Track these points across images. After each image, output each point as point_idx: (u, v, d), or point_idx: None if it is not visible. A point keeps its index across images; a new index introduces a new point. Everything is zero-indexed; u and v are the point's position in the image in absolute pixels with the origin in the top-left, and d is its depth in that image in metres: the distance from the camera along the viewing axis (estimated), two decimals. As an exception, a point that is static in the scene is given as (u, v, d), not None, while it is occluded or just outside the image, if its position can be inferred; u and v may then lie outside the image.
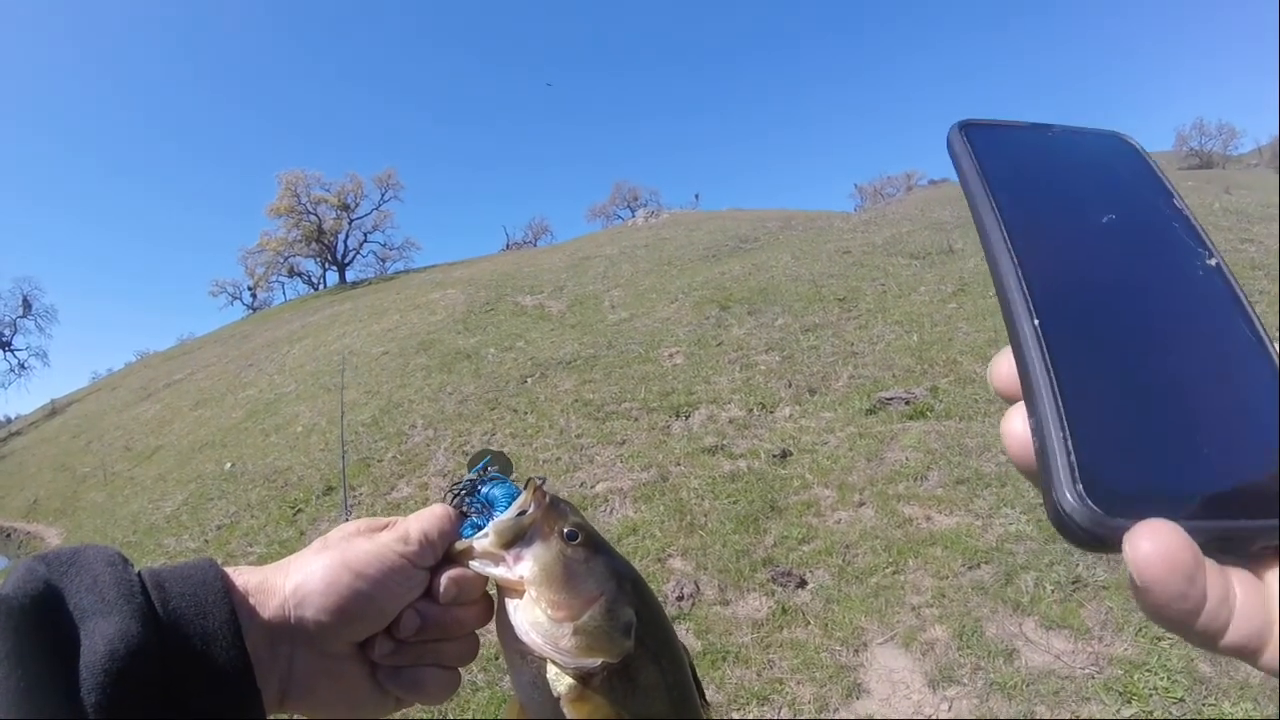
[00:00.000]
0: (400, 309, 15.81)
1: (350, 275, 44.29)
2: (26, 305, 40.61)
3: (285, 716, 0.54)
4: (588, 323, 11.03)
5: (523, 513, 0.55)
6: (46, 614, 0.43)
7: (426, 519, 0.56)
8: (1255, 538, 0.30)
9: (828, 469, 5.26)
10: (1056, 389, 0.31)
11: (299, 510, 7.23)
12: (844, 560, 4.18)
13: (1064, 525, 0.30)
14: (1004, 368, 0.35)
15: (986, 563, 3.89)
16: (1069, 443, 0.30)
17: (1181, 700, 2.85)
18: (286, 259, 44.86)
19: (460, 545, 0.56)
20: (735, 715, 3.27)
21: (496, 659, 3.97)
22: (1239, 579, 0.29)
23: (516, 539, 0.54)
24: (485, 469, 0.60)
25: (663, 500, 5.37)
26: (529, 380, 8.85)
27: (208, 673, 0.46)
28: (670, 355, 8.61)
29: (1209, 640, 0.29)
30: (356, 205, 44.62)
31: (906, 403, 5.95)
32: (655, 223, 22.40)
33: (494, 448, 0.57)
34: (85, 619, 0.43)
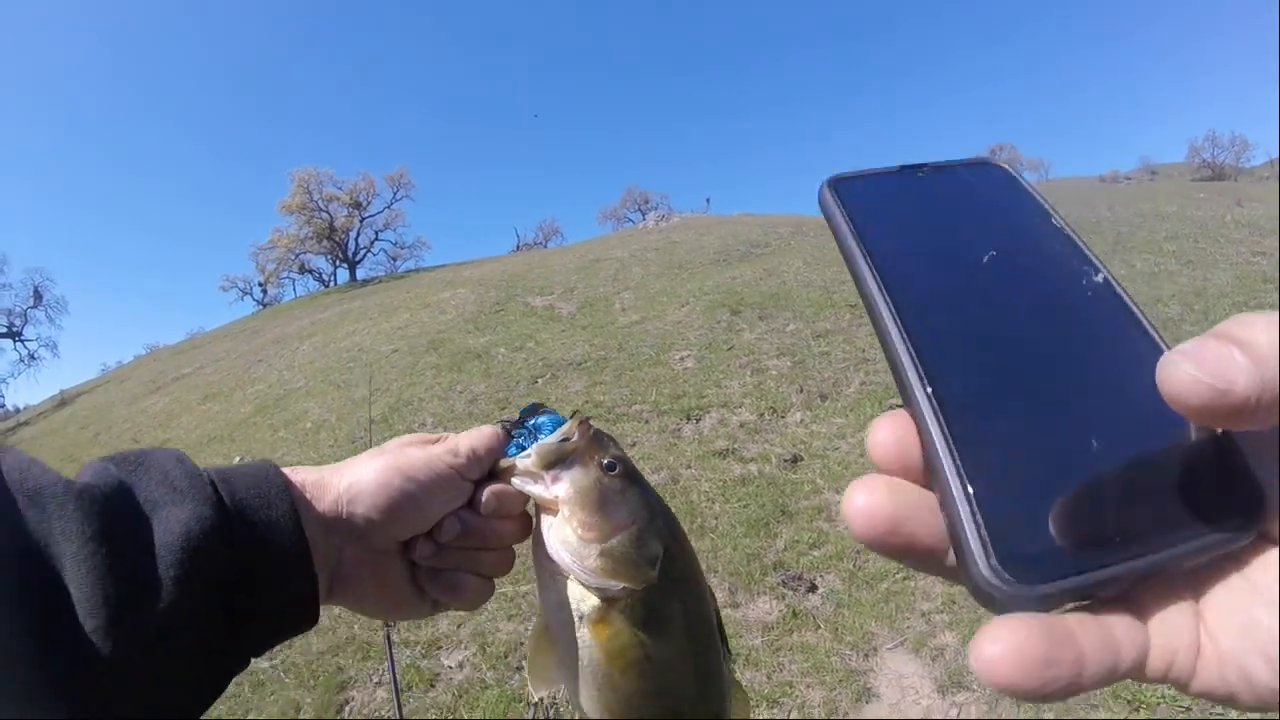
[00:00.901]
0: (410, 307, 15.85)
1: (361, 273, 44.44)
2: (37, 296, 40.76)
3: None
4: (598, 324, 11.07)
5: (566, 439, 0.59)
6: (124, 503, 0.47)
7: (476, 436, 0.61)
8: (1182, 560, 0.29)
9: (839, 474, 5.30)
10: (958, 461, 0.30)
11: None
12: (854, 565, 4.23)
13: (988, 602, 0.29)
14: (882, 435, 0.34)
15: (997, 570, 3.92)
16: (977, 517, 0.29)
17: (1189, 709, 2.88)
18: (297, 256, 45.02)
19: (504, 463, 0.61)
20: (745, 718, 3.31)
21: (506, 657, 4.03)
22: (1155, 612, 0.30)
23: (557, 462, 0.58)
24: (537, 408, 0.64)
25: (673, 503, 5.40)
26: (539, 381, 8.89)
27: (272, 558, 0.51)
28: (681, 358, 8.65)
29: (1123, 678, 0.29)
30: (368, 203, 44.89)
31: (917, 410, 5.97)
32: (666, 226, 22.39)
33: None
34: (157, 509, 0.48)
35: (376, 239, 46.29)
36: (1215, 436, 0.31)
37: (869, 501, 0.31)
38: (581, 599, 0.56)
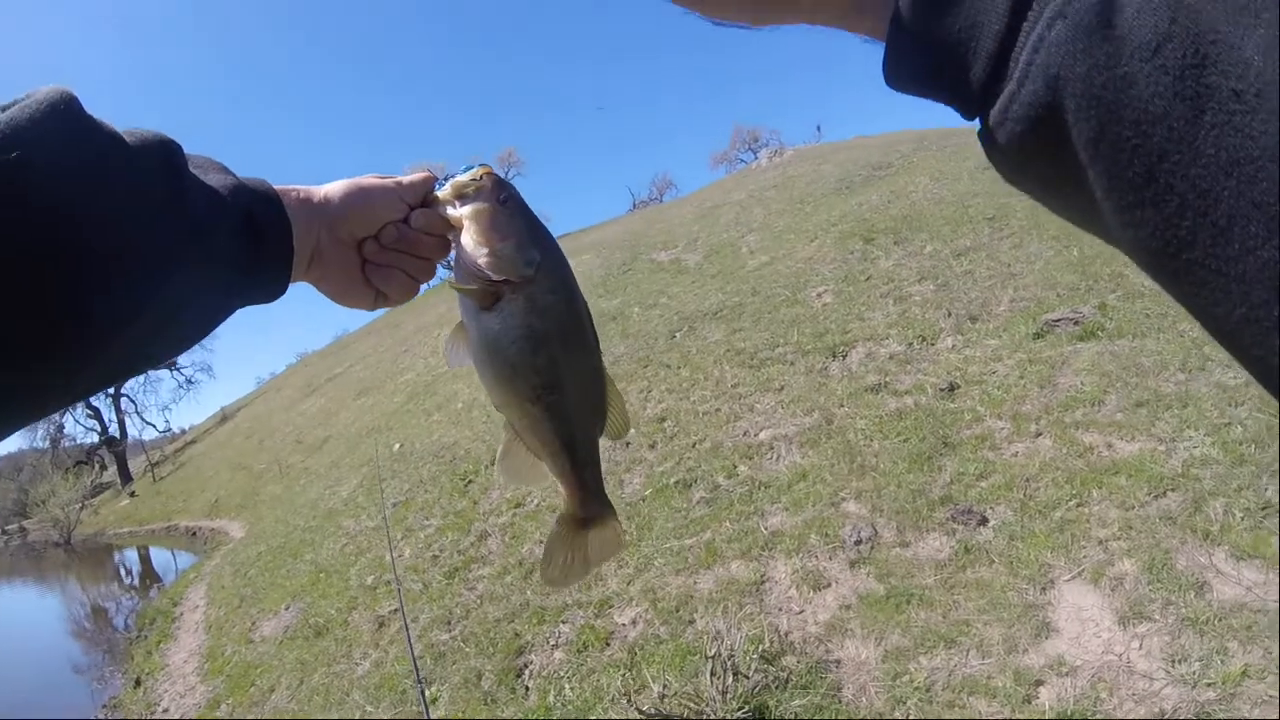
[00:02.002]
0: None
1: (489, 254, 45.78)
2: None
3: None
4: (728, 271, 11.03)
5: (475, 180, 0.80)
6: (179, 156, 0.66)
7: (415, 174, 0.85)
8: None
9: (999, 400, 5.14)
10: None
11: (470, 481, 7.72)
12: (1025, 494, 4.14)
13: None
14: None
15: (1173, 490, 3.76)
16: None
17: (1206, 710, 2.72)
18: (425, 248, 46.74)
19: (431, 196, 0.83)
20: (923, 659, 3.34)
21: (677, 610, 4.20)
22: None
23: (463, 193, 0.80)
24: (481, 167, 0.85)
25: (830, 444, 5.42)
26: (677, 335, 9.00)
27: (268, 226, 0.73)
28: (819, 295, 8.53)
29: None
30: (489, 186, 46.15)
31: (1075, 323, 5.69)
32: (780, 161, 21.75)
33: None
34: (205, 174, 0.68)
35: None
36: None
37: None
38: (480, 297, 0.77)
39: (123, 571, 19.40)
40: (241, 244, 0.69)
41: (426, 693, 4.51)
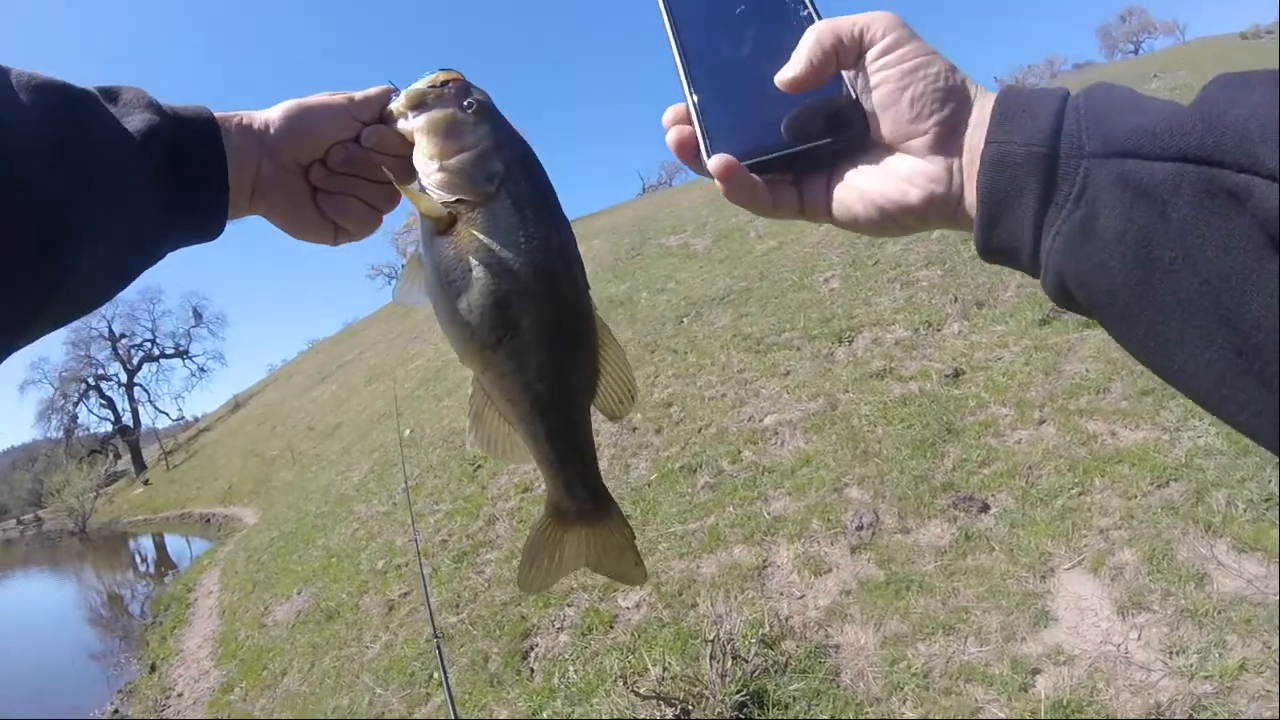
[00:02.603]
0: None
1: (499, 242, 45.83)
2: (197, 315, 44.13)
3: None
4: (736, 256, 11.02)
5: (434, 87, 0.71)
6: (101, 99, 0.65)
7: (370, 89, 0.77)
8: (820, 150, 0.58)
9: (1004, 386, 5.14)
10: (692, 92, 0.61)
11: (479, 467, 7.77)
12: (1027, 482, 4.14)
13: (714, 172, 0.57)
14: (672, 120, 0.62)
15: (1176, 480, 3.76)
16: (704, 123, 0.60)
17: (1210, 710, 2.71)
18: (434, 234, 46.78)
19: (387, 112, 0.75)
20: (921, 646, 3.37)
21: (680, 595, 4.24)
22: (805, 182, 0.61)
23: (420, 104, 0.71)
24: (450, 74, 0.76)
25: (834, 429, 5.44)
26: (685, 320, 9.01)
27: (197, 159, 0.69)
28: (826, 280, 8.52)
29: (785, 214, 0.63)
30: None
31: (1082, 309, 5.66)
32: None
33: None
34: (128, 114, 0.65)
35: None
36: (840, 80, 0.58)
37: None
38: (430, 211, 0.67)
39: (137, 559, 19.66)
40: (163, 186, 0.66)
41: (436, 674, 4.59)
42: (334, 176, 0.76)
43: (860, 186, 0.58)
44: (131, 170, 0.63)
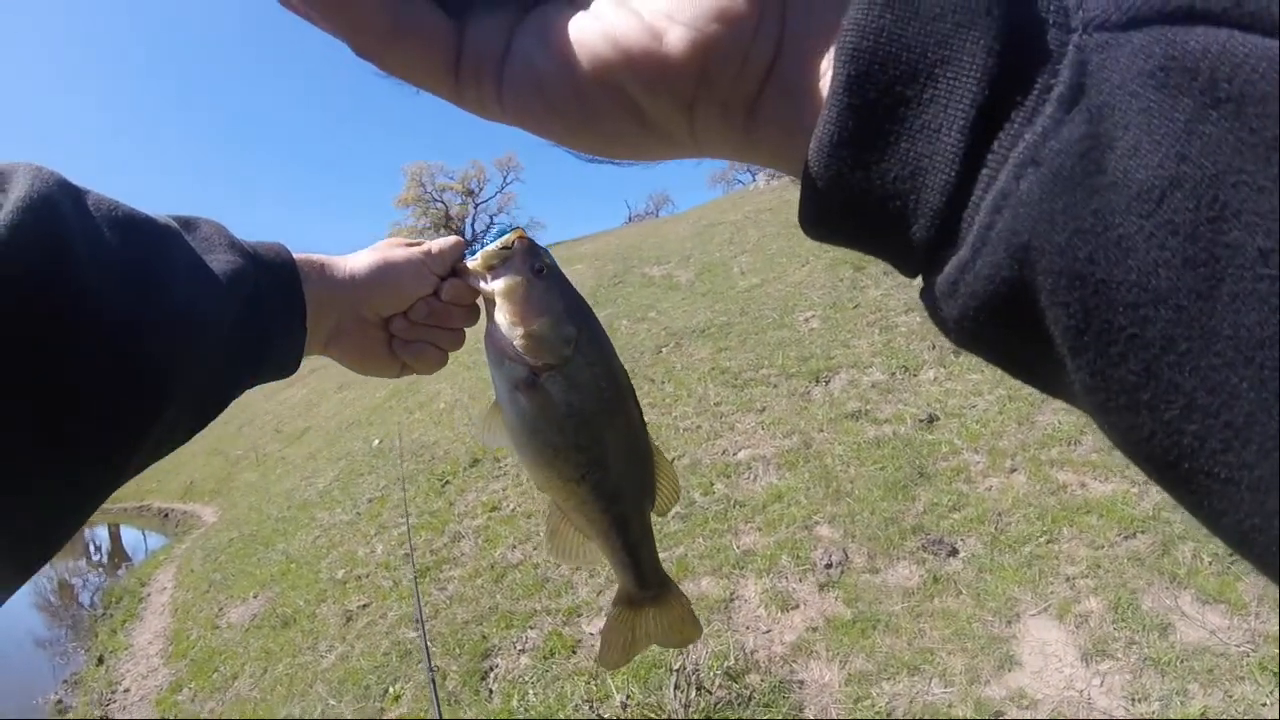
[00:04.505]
0: None
1: (480, 258, 45.91)
2: None
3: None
4: (718, 290, 11.08)
5: (506, 248, 0.74)
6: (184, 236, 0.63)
7: (443, 242, 0.80)
8: None
9: (977, 434, 5.20)
10: None
11: (447, 482, 7.69)
12: (996, 528, 4.18)
13: None
14: None
15: (1143, 532, 3.81)
16: None
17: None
18: (417, 246, 46.79)
19: (462, 265, 0.79)
20: (886, 685, 3.37)
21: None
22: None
23: (496, 264, 0.74)
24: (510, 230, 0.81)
25: (807, 467, 5.46)
26: (664, 350, 9.03)
27: (279, 308, 0.70)
28: (806, 320, 8.59)
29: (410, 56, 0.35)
30: (480, 190, 46.54)
31: (1057, 363, 5.76)
32: (777, 184, 21.83)
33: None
34: (210, 251, 0.64)
35: (491, 223, 47.41)
36: None
37: None
38: (515, 371, 0.72)
39: (92, 548, 19.09)
40: (244, 331, 0.64)
41: (392, 688, 4.51)
42: (414, 327, 0.81)
43: (573, 27, 0.32)
44: (217, 317, 0.61)
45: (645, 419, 0.78)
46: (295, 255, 0.73)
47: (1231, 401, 0.22)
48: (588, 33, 0.32)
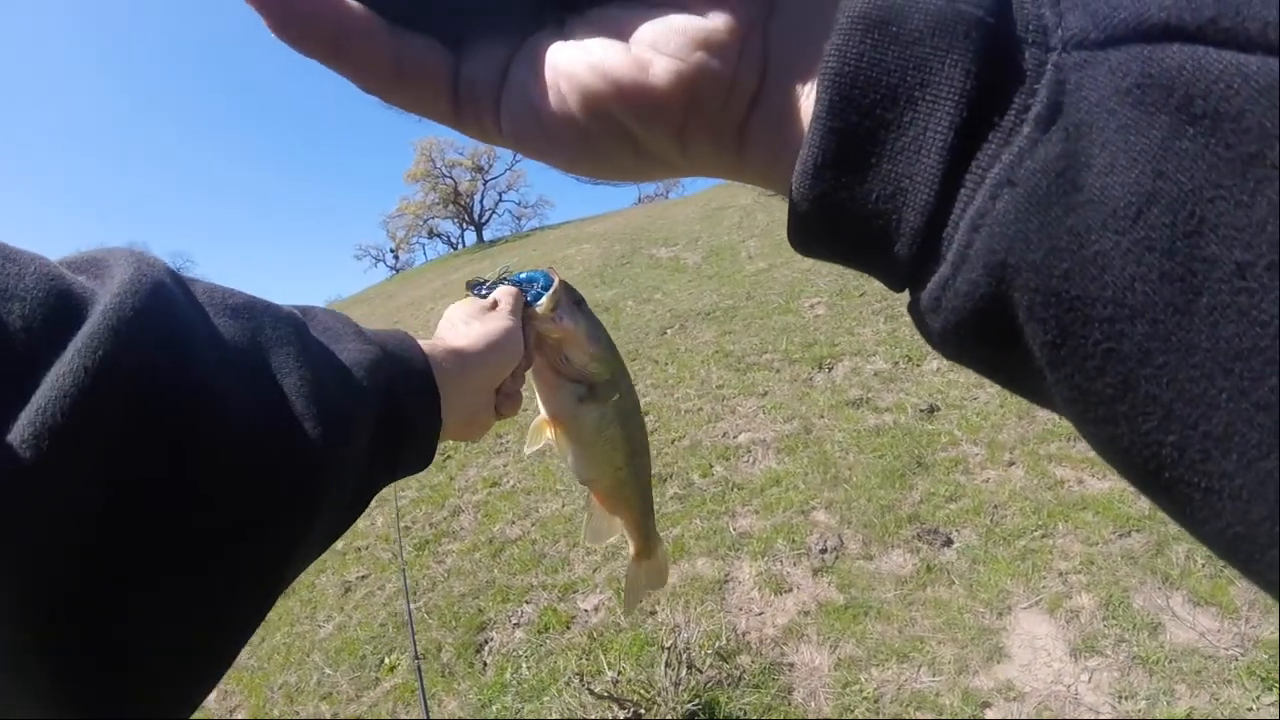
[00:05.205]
0: (537, 264, 15.91)
1: (488, 234, 46.09)
2: None
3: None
4: (725, 273, 11.06)
5: (555, 292, 0.87)
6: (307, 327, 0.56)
7: (511, 295, 0.85)
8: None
9: (977, 426, 5.21)
10: None
11: (448, 457, 7.70)
12: (992, 520, 4.19)
13: None
14: None
15: (1138, 531, 3.82)
16: None
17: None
18: (425, 221, 47.04)
19: (530, 312, 0.87)
20: (875, 671, 3.40)
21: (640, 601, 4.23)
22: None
23: (556, 306, 0.86)
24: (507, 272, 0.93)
25: (806, 452, 5.47)
26: (668, 331, 9.03)
27: (414, 397, 0.66)
28: (811, 306, 8.58)
29: (416, 93, 0.36)
30: (490, 166, 46.35)
31: (1060, 358, 5.75)
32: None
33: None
34: (336, 341, 0.57)
35: (500, 200, 47.77)
36: None
37: None
38: (578, 389, 0.87)
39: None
40: (387, 431, 0.58)
41: (388, 659, 4.56)
42: (514, 381, 0.87)
43: (563, 60, 0.33)
44: (360, 412, 0.54)
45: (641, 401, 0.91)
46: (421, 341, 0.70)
47: (1210, 412, 0.22)
48: (577, 65, 0.32)
